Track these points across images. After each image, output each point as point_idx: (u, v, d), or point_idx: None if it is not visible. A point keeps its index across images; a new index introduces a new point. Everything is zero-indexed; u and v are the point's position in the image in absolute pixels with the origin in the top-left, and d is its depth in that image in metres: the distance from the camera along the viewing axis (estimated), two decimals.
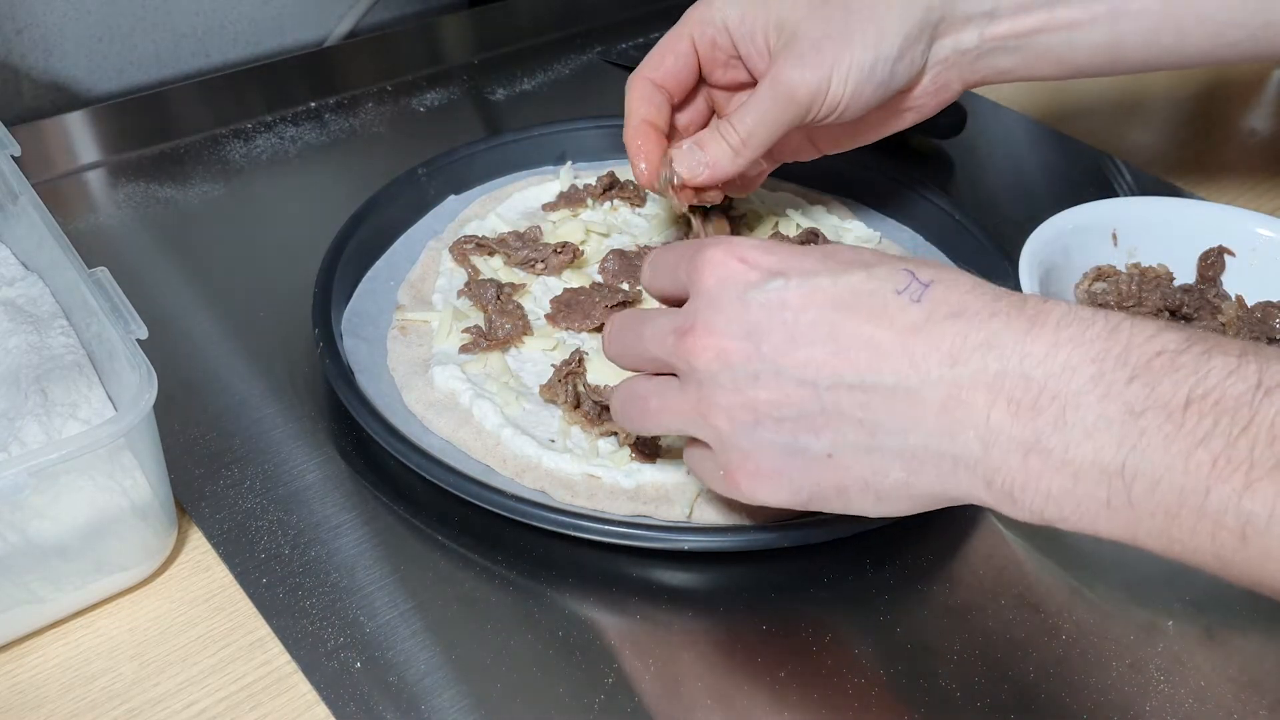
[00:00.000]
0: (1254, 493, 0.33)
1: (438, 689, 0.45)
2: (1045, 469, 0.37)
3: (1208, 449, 0.34)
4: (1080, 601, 0.50)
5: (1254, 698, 0.46)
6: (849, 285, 0.40)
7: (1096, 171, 0.80)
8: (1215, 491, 0.34)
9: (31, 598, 0.45)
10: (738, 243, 0.43)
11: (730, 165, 0.58)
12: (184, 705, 0.44)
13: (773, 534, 0.50)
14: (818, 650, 0.47)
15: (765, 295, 0.41)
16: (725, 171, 0.58)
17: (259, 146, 0.78)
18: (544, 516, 0.49)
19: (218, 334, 0.62)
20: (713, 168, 0.58)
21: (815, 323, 0.40)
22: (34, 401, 0.49)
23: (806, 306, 0.40)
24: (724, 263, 0.42)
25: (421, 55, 0.92)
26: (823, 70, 0.55)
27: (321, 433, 0.56)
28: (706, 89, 0.63)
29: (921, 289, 0.39)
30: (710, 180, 0.58)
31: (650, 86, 0.60)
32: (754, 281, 0.41)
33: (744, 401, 0.41)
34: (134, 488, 0.46)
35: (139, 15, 0.88)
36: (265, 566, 0.50)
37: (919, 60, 0.57)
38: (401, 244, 0.67)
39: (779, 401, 0.40)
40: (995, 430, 0.37)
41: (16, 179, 0.55)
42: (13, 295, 0.56)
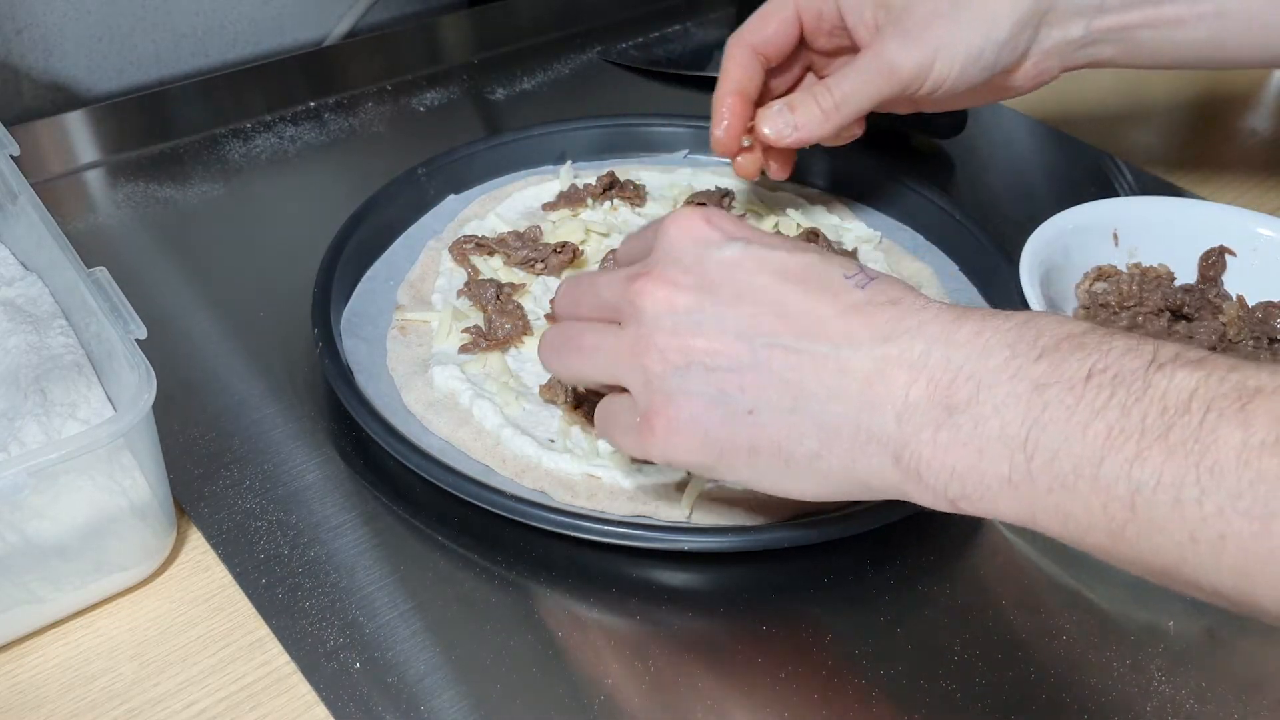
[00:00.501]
0: (1143, 461, 0.34)
1: (438, 689, 0.45)
2: (953, 443, 0.37)
3: (1104, 419, 0.35)
4: (1081, 602, 0.50)
5: (1254, 698, 0.46)
6: (802, 262, 0.43)
7: (1097, 171, 0.80)
8: (1108, 461, 0.34)
9: (31, 598, 0.45)
10: (707, 209, 0.45)
11: (818, 129, 0.59)
12: (184, 705, 0.44)
13: (773, 534, 0.50)
14: (818, 650, 0.47)
15: (722, 253, 0.43)
16: (812, 135, 0.59)
17: (258, 146, 0.78)
18: (544, 517, 0.49)
19: (217, 334, 0.62)
20: (801, 130, 0.59)
21: (764, 287, 0.42)
22: (33, 401, 0.49)
23: (759, 271, 0.42)
24: (689, 220, 0.45)
25: (421, 55, 0.92)
26: (928, 50, 0.57)
27: (321, 433, 0.56)
28: (805, 52, 0.64)
29: (867, 280, 0.42)
30: (796, 142, 0.60)
31: (749, 53, 0.61)
32: (714, 240, 0.44)
33: (680, 345, 0.42)
34: (133, 488, 0.46)
35: (139, 15, 0.88)
36: (265, 567, 0.50)
37: (1024, 46, 0.59)
38: (401, 244, 0.67)
39: (714, 351, 0.42)
40: (912, 406, 0.38)
41: (16, 179, 0.55)
42: (12, 295, 0.56)
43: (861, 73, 0.58)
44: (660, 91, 0.89)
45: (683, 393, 0.42)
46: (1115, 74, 0.94)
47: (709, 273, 0.43)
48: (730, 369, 0.41)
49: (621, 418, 0.45)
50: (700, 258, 0.43)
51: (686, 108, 0.86)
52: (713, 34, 0.98)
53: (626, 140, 0.76)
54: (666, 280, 0.43)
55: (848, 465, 0.40)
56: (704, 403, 0.42)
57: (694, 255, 0.43)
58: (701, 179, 0.73)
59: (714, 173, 0.74)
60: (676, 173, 0.74)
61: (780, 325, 0.41)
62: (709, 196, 0.69)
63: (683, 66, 0.92)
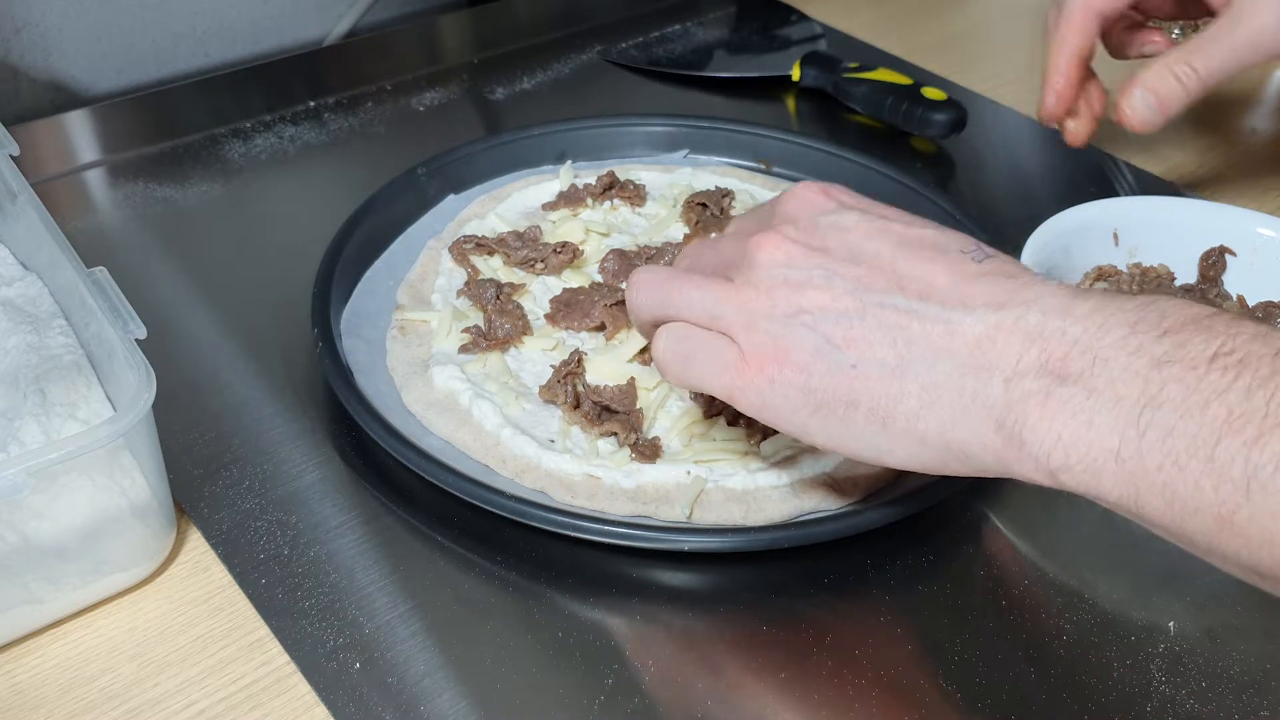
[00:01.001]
0: (1263, 445, 0.33)
1: (438, 689, 0.45)
2: (1061, 412, 0.37)
3: (1224, 401, 0.34)
4: (1081, 602, 0.50)
5: (1254, 698, 0.46)
6: (919, 233, 0.44)
7: (1097, 171, 0.80)
8: (1225, 442, 0.34)
9: (30, 598, 0.45)
10: (822, 183, 0.47)
11: (1178, 106, 0.58)
12: (183, 705, 0.44)
13: (773, 534, 0.50)
14: (818, 650, 0.47)
15: (839, 218, 0.45)
16: (1172, 113, 0.58)
17: (258, 146, 0.78)
18: (544, 517, 0.49)
19: (217, 334, 0.62)
20: (1165, 111, 0.59)
21: (878, 252, 0.43)
22: (33, 401, 0.49)
23: (875, 237, 0.43)
24: (806, 190, 0.47)
25: (421, 55, 0.92)
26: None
27: (321, 433, 0.56)
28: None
29: (984, 255, 0.42)
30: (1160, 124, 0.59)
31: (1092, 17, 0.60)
32: (830, 209, 0.45)
33: (791, 294, 0.43)
34: (133, 488, 0.46)
35: (138, 15, 0.88)
36: (264, 567, 0.50)
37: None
38: (401, 244, 0.67)
39: (825, 304, 0.42)
40: (1021, 373, 0.38)
41: (15, 178, 0.55)
42: (11, 295, 0.56)
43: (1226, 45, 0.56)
44: (660, 91, 0.89)
45: (788, 335, 0.42)
46: (1115, 74, 0.94)
47: (825, 235, 0.44)
48: (839, 320, 0.42)
49: (717, 352, 0.44)
50: (817, 221, 0.45)
51: (686, 108, 0.86)
52: (713, 34, 0.98)
53: (626, 140, 0.76)
54: (783, 236, 0.44)
55: (947, 427, 0.40)
56: (809, 351, 0.42)
57: (809, 221, 0.45)
58: (701, 179, 0.73)
59: (714, 172, 0.74)
60: (676, 173, 0.74)
61: (893, 285, 0.42)
62: (709, 196, 0.69)
63: (683, 66, 0.92)
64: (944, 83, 0.89)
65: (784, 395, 0.43)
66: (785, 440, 0.54)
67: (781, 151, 0.75)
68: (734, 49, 0.96)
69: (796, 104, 0.88)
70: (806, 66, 0.88)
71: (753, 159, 0.76)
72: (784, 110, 0.87)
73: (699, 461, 0.53)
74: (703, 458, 0.53)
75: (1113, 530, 0.53)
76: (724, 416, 0.55)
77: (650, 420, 0.55)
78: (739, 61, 0.93)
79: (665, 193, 0.72)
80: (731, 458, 0.53)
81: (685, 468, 0.52)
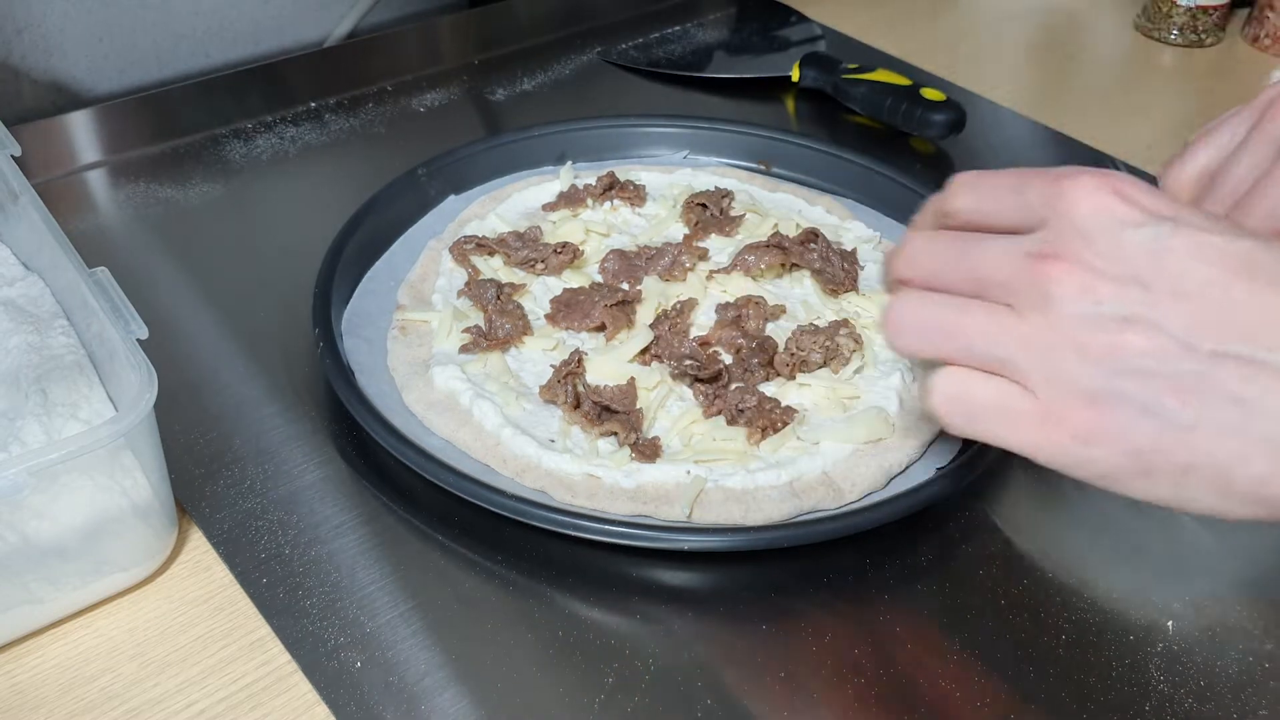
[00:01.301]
0: None
1: (438, 689, 0.45)
2: None
3: None
4: (1080, 602, 0.50)
5: (1253, 697, 0.46)
6: (1245, 249, 0.37)
7: None
8: None
9: (31, 598, 0.45)
10: (1115, 176, 0.38)
11: None
12: (184, 705, 0.44)
13: (773, 534, 0.50)
14: (818, 650, 0.47)
15: (1148, 236, 0.37)
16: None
17: (259, 146, 0.78)
18: (544, 516, 0.49)
19: (218, 334, 0.62)
20: None
21: (1206, 280, 0.36)
22: (34, 401, 0.49)
23: (1197, 259, 0.36)
24: (1099, 193, 0.38)
25: (421, 55, 0.92)
26: None
27: (322, 433, 0.56)
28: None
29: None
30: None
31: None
32: (1136, 220, 0.37)
33: (1109, 343, 0.37)
34: (134, 488, 0.46)
35: (139, 15, 0.88)
36: (265, 566, 0.50)
37: None
38: (401, 244, 0.67)
39: (1151, 352, 0.36)
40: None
41: (17, 179, 0.55)
42: (13, 295, 0.56)
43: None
44: (660, 92, 0.89)
45: (1110, 396, 0.37)
46: (1114, 74, 0.94)
47: (1135, 260, 0.37)
48: (1170, 376, 0.36)
49: (1010, 404, 0.39)
50: (1121, 241, 0.37)
51: (686, 108, 0.86)
52: (713, 35, 0.98)
53: (626, 140, 0.76)
54: (1083, 263, 0.37)
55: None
56: (1134, 411, 0.37)
57: (1112, 237, 0.37)
58: (701, 179, 0.73)
59: (714, 173, 0.74)
60: (676, 173, 0.74)
61: (1232, 330, 0.36)
62: (709, 197, 0.69)
63: (683, 67, 0.92)
64: (943, 83, 0.89)
65: (1103, 457, 0.38)
66: (785, 440, 0.54)
67: (781, 152, 0.75)
68: (734, 50, 0.96)
69: (796, 105, 0.88)
70: (806, 67, 0.88)
71: (752, 159, 0.76)
72: (784, 111, 0.87)
73: (699, 461, 0.53)
74: (702, 457, 0.53)
75: (1112, 530, 0.53)
76: (724, 416, 0.55)
77: (650, 420, 0.56)
78: (739, 62, 0.94)
79: (665, 193, 0.72)
80: (731, 457, 0.53)
81: (685, 467, 0.52)
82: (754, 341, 0.59)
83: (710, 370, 0.56)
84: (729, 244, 0.67)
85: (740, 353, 0.59)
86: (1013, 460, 0.41)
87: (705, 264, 0.65)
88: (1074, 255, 0.37)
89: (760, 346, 0.58)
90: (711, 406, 0.56)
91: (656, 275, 0.64)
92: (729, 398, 0.55)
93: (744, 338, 0.59)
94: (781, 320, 0.62)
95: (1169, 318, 0.36)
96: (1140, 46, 1.01)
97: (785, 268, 0.65)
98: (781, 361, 0.58)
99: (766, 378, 0.58)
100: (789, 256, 0.63)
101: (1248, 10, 1.02)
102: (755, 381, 0.57)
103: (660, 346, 0.59)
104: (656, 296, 0.62)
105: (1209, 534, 0.53)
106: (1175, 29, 1.00)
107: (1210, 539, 0.53)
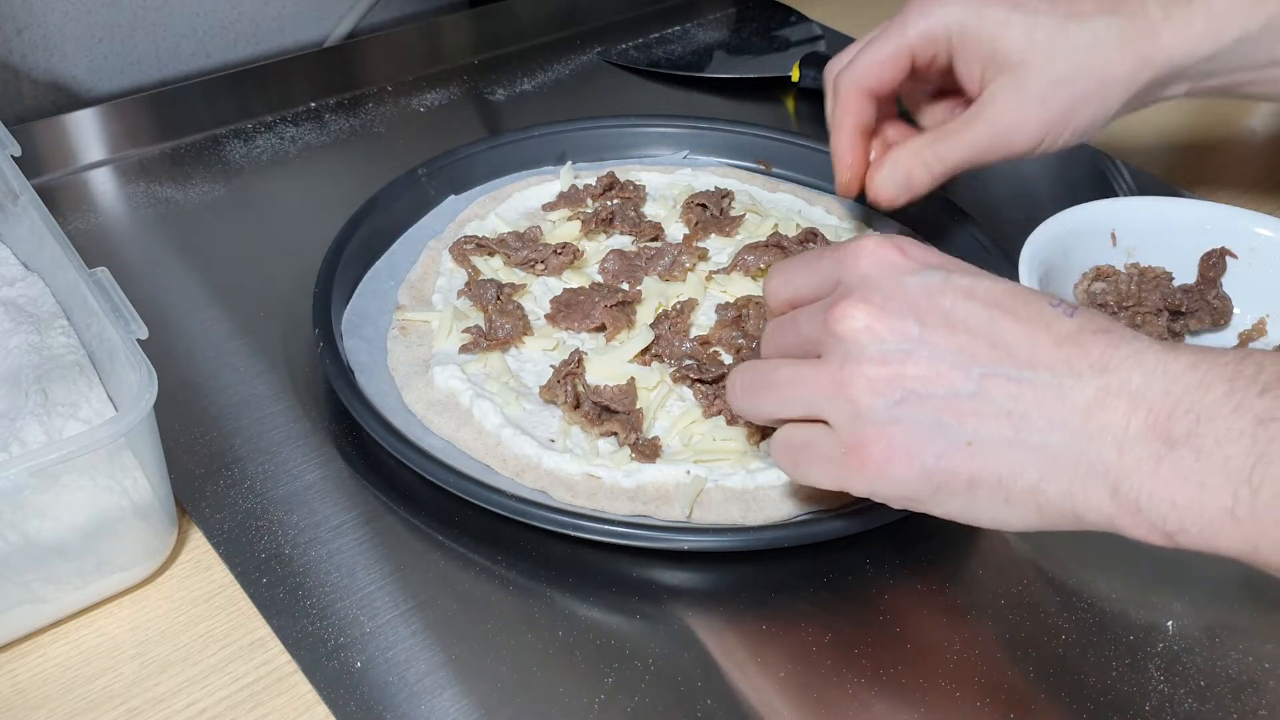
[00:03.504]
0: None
1: (438, 689, 0.45)
2: (1174, 477, 0.37)
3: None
4: (1080, 602, 0.50)
5: (1253, 697, 0.46)
6: (1007, 289, 0.42)
7: (1096, 171, 0.80)
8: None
9: (32, 597, 0.45)
10: (891, 237, 0.44)
11: (924, 188, 0.60)
12: (184, 705, 0.44)
13: (773, 534, 0.50)
14: (818, 650, 0.47)
15: (924, 281, 0.42)
16: (919, 194, 0.60)
17: (259, 147, 0.79)
18: (544, 516, 0.49)
19: (218, 334, 0.62)
20: (912, 192, 0.60)
21: (973, 314, 0.41)
22: (34, 401, 0.49)
23: (965, 298, 0.41)
24: (879, 250, 0.43)
25: (421, 55, 0.92)
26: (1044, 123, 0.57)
27: (322, 433, 0.56)
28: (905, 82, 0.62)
29: (1072, 309, 0.41)
30: (906, 202, 0.61)
31: (864, 97, 0.61)
32: (911, 269, 0.42)
33: (891, 374, 0.41)
34: (134, 487, 0.46)
35: (139, 15, 0.88)
36: (265, 566, 0.50)
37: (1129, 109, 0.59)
38: (401, 244, 0.67)
39: (930, 378, 0.40)
40: (1133, 438, 0.38)
41: (17, 179, 0.55)
42: (13, 295, 0.56)
43: (971, 137, 0.58)
44: (660, 92, 0.89)
45: (896, 423, 0.41)
46: None
47: (912, 299, 0.41)
48: (947, 397, 0.40)
49: (820, 448, 0.43)
50: (900, 284, 0.42)
51: (686, 108, 0.86)
52: (712, 35, 0.98)
53: (626, 140, 0.76)
54: (868, 304, 0.41)
55: (1065, 497, 0.40)
56: (920, 433, 0.40)
57: (893, 283, 0.42)
58: (701, 180, 0.73)
59: (714, 173, 0.74)
60: (676, 173, 0.74)
61: (998, 354, 0.40)
62: (709, 197, 0.69)
63: (683, 67, 0.92)
64: None
65: (899, 480, 0.41)
66: None
67: (781, 152, 0.75)
68: (734, 50, 0.96)
69: (796, 105, 0.88)
70: (806, 67, 0.88)
71: (752, 160, 0.76)
72: (783, 111, 0.87)
73: (699, 461, 0.53)
74: (702, 457, 0.53)
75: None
76: (724, 416, 0.55)
77: (650, 420, 0.56)
78: (739, 62, 0.94)
79: (665, 193, 0.72)
80: (731, 457, 0.53)
81: (685, 467, 0.52)
82: (754, 342, 0.59)
83: (714, 373, 0.56)
84: (729, 244, 0.67)
85: (740, 353, 0.59)
86: None
87: (705, 264, 0.66)
88: (858, 298, 0.42)
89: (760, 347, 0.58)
90: (711, 406, 0.56)
91: (656, 275, 0.64)
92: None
93: (744, 338, 0.59)
94: None
95: (942, 346, 0.40)
96: None
97: None
98: None
99: None
100: (789, 256, 0.64)
101: None
102: None
103: (660, 346, 0.59)
104: (656, 296, 0.62)
105: None
106: None
107: None
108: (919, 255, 0.43)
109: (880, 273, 0.43)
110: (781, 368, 0.44)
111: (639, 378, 0.57)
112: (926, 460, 0.41)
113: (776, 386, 0.44)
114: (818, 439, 0.43)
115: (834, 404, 0.42)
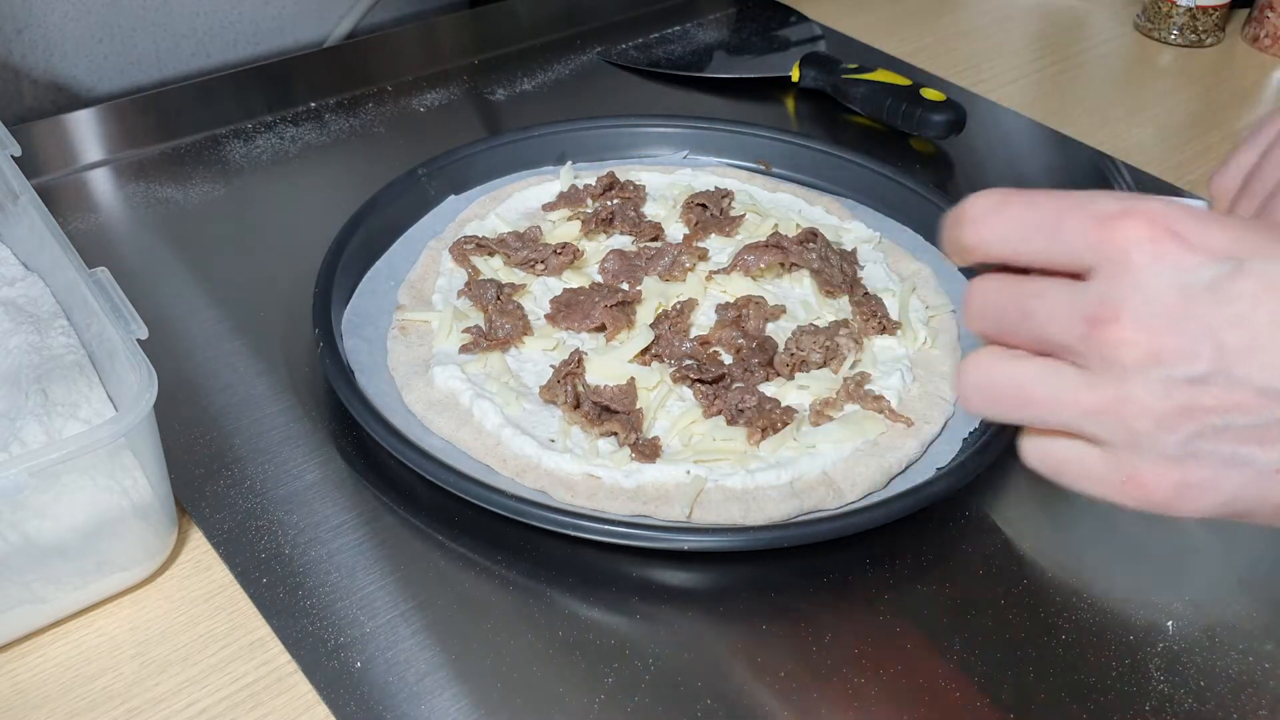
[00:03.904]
0: None
1: (438, 689, 0.45)
2: None
3: None
4: (1080, 602, 0.50)
5: (1253, 697, 0.46)
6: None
7: (1096, 171, 0.80)
8: None
9: (32, 597, 0.45)
10: (1165, 212, 0.35)
11: None
12: (184, 705, 0.45)
13: (773, 534, 0.50)
14: (818, 650, 0.47)
15: (1213, 283, 0.34)
16: None
17: (259, 147, 0.79)
18: (544, 516, 0.49)
19: (218, 334, 0.62)
20: None
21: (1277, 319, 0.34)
22: (34, 401, 0.49)
23: (1266, 299, 0.34)
24: (1153, 238, 0.35)
25: (421, 55, 0.92)
26: None
27: (322, 433, 0.56)
28: None
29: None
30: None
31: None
32: (1195, 265, 0.34)
33: (1181, 406, 0.35)
34: (134, 488, 0.46)
35: (139, 15, 0.88)
36: (265, 566, 0.50)
37: None
38: (401, 244, 0.67)
39: (1228, 408, 0.35)
40: None
41: (17, 179, 0.55)
42: (13, 295, 0.56)
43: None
44: (660, 92, 0.89)
45: (1189, 455, 0.35)
46: (1114, 74, 0.94)
47: (1201, 314, 0.34)
48: (1250, 426, 0.35)
49: (1092, 469, 0.38)
50: (1184, 294, 0.34)
51: (686, 108, 0.86)
52: (713, 35, 0.98)
53: (626, 140, 0.76)
54: (1145, 326, 0.35)
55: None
56: (1218, 464, 0.35)
57: (1173, 291, 0.34)
58: (701, 180, 0.73)
59: (714, 173, 0.74)
60: (676, 173, 0.74)
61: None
62: (709, 197, 0.69)
63: (683, 67, 0.92)
64: (943, 84, 0.89)
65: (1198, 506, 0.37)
66: (784, 440, 0.54)
67: (781, 152, 0.75)
68: (734, 50, 0.96)
69: (796, 105, 0.88)
70: (806, 67, 0.88)
71: (752, 160, 0.76)
72: (784, 111, 0.87)
73: (698, 461, 0.53)
74: (702, 457, 0.53)
75: (1112, 530, 0.53)
76: (724, 416, 0.55)
77: (650, 420, 0.56)
78: (739, 62, 0.94)
79: (665, 193, 0.72)
80: (731, 457, 0.53)
81: (685, 467, 0.52)
82: (754, 342, 0.59)
83: (714, 373, 0.56)
84: (729, 244, 0.67)
85: (740, 353, 0.59)
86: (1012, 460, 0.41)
87: (705, 264, 0.66)
88: (1133, 316, 0.35)
89: (760, 347, 0.58)
90: (711, 407, 0.56)
91: (656, 275, 0.64)
92: (729, 398, 0.55)
93: (744, 338, 0.59)
94: (781, 320, 0.62)
95: (1243, 370, 0.34)
96: (1140, 46, 1.01)
97: (785, 268, 0.65)
98: (781, 362, 0.58)
99: (766, 378, 0.58)
100: (788, 256, 0.64)
101: (1247, 10, 1.02)
102: (755, 382, 0.57)
103: (660, 346, 0.59)
104: (656, 296, 0.62)
105: (1209, 534, 0.53)
106: (1175, 29, 1.00)
107: (1210, 539, 0.53)
108: (1203, 240, 0.35)
109: (1156, 277, 0.34)
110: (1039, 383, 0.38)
111: (639, 378, 0.57)
112: (1229, 491, 0.36)
113: (1035, 403, 0.38)
114: (1089, 460, 0.38)
115: (1108, 429, 0.37)
